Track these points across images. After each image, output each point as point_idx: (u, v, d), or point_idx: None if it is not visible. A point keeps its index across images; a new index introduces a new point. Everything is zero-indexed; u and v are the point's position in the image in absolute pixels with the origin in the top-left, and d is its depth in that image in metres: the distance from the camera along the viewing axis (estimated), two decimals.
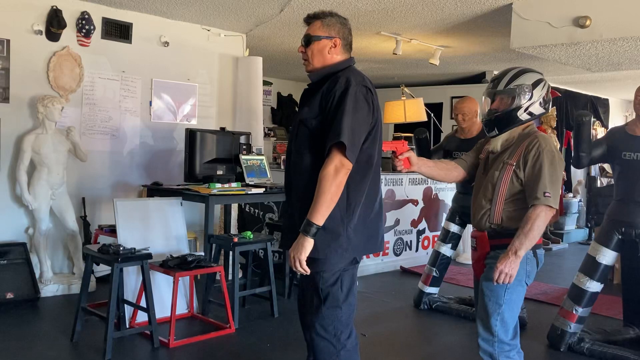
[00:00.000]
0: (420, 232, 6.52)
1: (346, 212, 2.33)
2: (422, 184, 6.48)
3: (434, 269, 4.67)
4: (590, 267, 3.78)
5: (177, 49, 5.80)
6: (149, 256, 3.66)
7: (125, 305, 3.89)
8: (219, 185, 4.53)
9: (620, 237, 3.71)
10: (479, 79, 8.76)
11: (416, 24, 5.67)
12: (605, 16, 4.37)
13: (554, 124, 7.99)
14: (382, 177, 4.76)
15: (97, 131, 5.33)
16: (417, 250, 6.50)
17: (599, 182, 9.15)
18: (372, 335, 4.06)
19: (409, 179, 6.31)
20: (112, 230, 4.51)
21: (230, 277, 4.65)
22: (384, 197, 5.76)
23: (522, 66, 2.70)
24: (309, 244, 2.25)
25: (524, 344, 2.74)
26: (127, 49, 5.45)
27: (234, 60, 6.26)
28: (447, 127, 8.73)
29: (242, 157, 4.90)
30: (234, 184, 4.66)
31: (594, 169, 9.28)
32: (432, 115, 7.44)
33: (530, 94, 2.57)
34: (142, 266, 3.64)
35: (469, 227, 3.84)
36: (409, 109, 6.99)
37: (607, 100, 10.61)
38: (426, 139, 4.94)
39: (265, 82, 8.17)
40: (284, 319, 4.35)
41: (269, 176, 5.02)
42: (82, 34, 5.08)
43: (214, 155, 4.81)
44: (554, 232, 8.33)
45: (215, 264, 4.11)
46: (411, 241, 6.44)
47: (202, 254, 4.33)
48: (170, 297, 3.91)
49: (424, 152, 4.82)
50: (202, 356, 3.62)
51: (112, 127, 5.42)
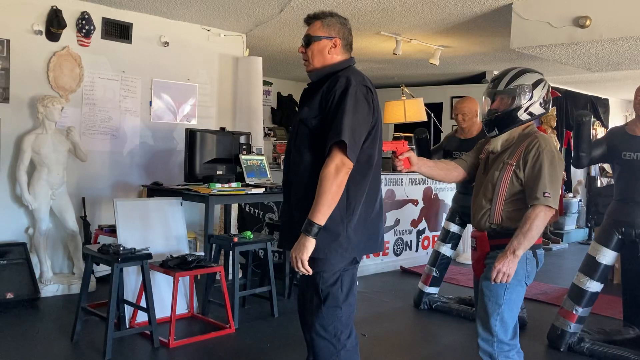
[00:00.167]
0: (420, 232, 6.52)
1: (346, 212, 2.33)
2: (422, 184, 6.47)
3: (434, 269, 4.67)
4: (590, 267, 3.78)
5: (177, 49, 5.80)
6: (149, 256, 3.66)
7: (125, 305, 3.89)
8: (219, 185, 4.53)
9: (620, 237, 3.71)
10: (479, 79, 8.76)
11: (416, 24, 5.67)
12: (605, 16, 4.37)
13: (554, 124, 7.99)
14: (382, 177, 4.76)
15: (97, 131, 5.33)
16: (417, 250, 6.50)
17: (599, 182, 9.15)
18: (372, 335, 4.06)
19: (409, 179, 6.31)
20: (112, 230, 4.51)
21: (230, 277, 4.65)
22: (384, 197, 5.75)
23: (522, 66, 2.70)
24: (310, 244, 2.24)
25: (524, 344, 2.74)
26: (127, 49, 5.45)
27: (234, 60, 6.26)
28: (447, 127, 8.73)
29: (242, 157, 4.90)
30: (234, 184, 4.66)
31: (594, 169, 9.27)
32: (432, 115, 7.44)
33: (530, 94, 2.57)
34: (142, 266, 3.64)
35: (469, 227, 3.84)
36: (409, 109, 7.00)
37: (607, 100, 10.61)
38: (426, 139, 4.94)
39: (265, 82, 8.17)
40: (284, 319, 4.35)
41: (269, 176, 5.03)
42: (82, 34, 5.08)
43: (214, 155, 4.81)
44: (554, 232, 8.32)
45: (215, 264, 4.11)
46: (411, 241, 6.44)
47: (202, 254, 4.33)
48: (170, 297, 3.91)
49: (424, 152, 4.82)
50: (202, 356, 3.62)
51: (112, 127, 5.42)
